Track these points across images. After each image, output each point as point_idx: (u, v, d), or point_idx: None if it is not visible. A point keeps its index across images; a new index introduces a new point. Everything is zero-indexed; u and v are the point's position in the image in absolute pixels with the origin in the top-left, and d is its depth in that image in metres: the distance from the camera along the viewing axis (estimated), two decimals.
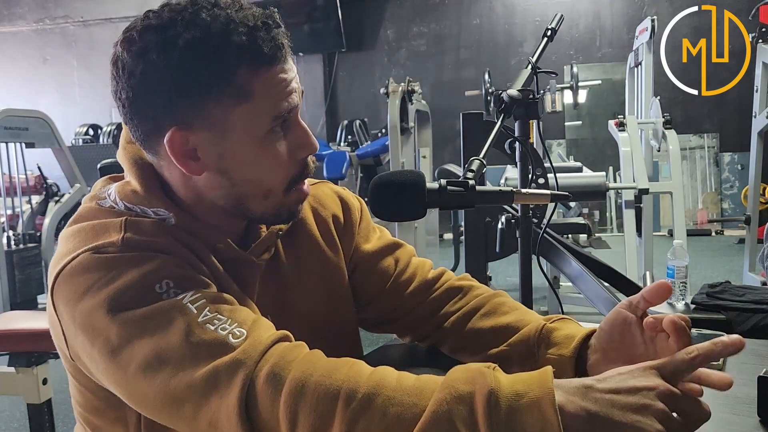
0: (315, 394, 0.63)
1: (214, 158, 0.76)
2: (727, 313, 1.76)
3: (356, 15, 9.15)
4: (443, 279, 1.02)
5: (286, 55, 0.76)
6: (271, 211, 0.82)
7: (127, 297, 0.69)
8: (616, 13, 8.69)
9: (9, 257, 4.69)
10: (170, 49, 0.70)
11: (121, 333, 0.68)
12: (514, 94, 1.31)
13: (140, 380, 0.67)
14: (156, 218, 0.78)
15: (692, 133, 8.44)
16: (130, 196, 0.79)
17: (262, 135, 0.76)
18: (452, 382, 0.61)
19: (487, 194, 0.89)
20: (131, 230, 0.74)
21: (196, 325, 0.68)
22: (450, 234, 6.49)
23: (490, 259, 2.42)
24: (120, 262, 0.71)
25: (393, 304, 0.99)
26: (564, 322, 0.88)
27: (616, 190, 4.92)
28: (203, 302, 0.70)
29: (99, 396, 0.80)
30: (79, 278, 0.71)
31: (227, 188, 0.78)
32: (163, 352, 0.67)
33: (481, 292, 0.99)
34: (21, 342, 2.07)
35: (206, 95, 0.72)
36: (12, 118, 4.88)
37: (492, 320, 0.93)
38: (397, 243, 1.03)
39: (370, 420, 0.61)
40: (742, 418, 0.74)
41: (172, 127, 0.74)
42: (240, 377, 0.64)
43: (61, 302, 0.73)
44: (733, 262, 5.83)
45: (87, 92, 10.57)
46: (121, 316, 0.68)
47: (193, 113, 0.73)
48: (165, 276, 0.71)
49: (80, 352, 0.73)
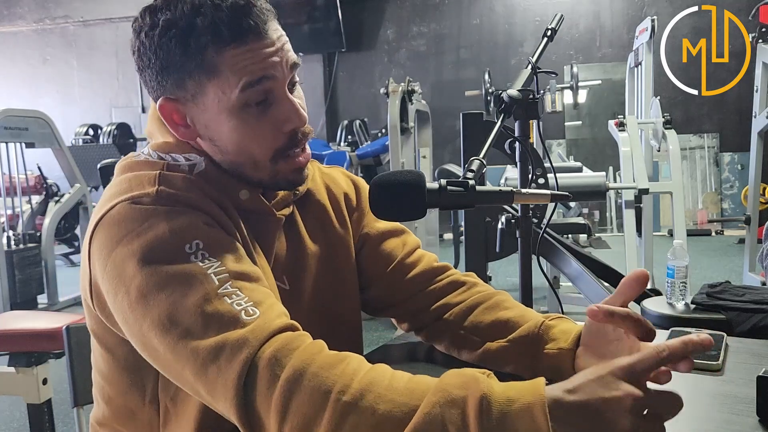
0: (310, 385, 0.64)
1: (201, 127, 0.83)
2: (727, 313, 1.76)
3: (356, 15, 9.16)
4: (448, 272, 1.03)
5: (262, 33, 0.78)
6: (267, 179, 0.86)
7: (156, 251, 0.73)
8: (616, 13, 8.69)
9: (9, 257, 4.69)
10: (153, 30, 0.78)
11: (145, 286, 0.71)
12: (514, 94, 1.31)
13: (152, 335, 0.70)
14: (187, 164, 0.83)
15: (692, 133, 8.44)
16: (163, 146, 0.85)
17: (236, 108, 0.79)
18: (445, 386, 0.62)
19: (487, 194, 0.89)
20: (164, 183, 0.79)
21: (215, 295, 0.70)
22: (450, 234, 6.49)
23: (490, 259, 2.43)
24: (153, 214, 0.75)
25: (394, 286, 1.01)
26: (561, 320, 0.91)
27: (616, 190, 4.92)
28: (226, 276, 0.72)
29: (118, 357, 0.84)
30: (115, 227, 0.75)
31: (220, 155, 0.84)
32: (178, 314, 0.69)
33: (484, 288, 1.01)
34: (21, 342, 2.07)
35: (182, 72, 0.79)
36: (12, 118, 4.88)
37: (493, 314, 0.94)
38: (405, 229, 1.06)
39: (360, 416, 0.62)
40: (741, 418, 0.74)
41: (161, 97, 0.82)
42: (243, 355, 0.66)
43: (96, 249, 0.77)
44: (733, 262, 5.83)
45: (87, 92, 10.57)
46: (147, 270, 0.72)
47: (175, 88, 0.80)
48: (195, 236, 0.74)
49: (107, 299, 0.76)
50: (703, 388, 0.84)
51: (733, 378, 0.87)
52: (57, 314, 3.07)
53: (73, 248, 7.52)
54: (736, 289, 1.89)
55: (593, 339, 0.82)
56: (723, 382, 0.86)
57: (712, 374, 0.88)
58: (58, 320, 2.23)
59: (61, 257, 7.09)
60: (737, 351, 0.97)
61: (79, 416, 1.21)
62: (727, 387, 0.84)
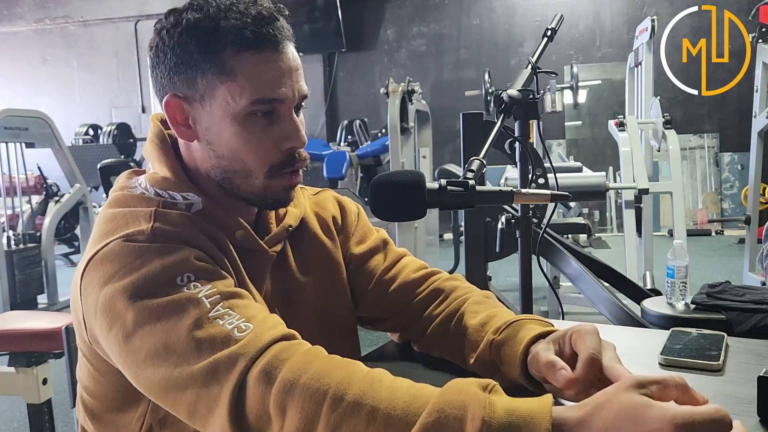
0: (303, 395, 0.63)
1: (201, 129, 0.84)
2: (727, 313, 1.76)
3: (356, 15, 9.15)
4: (431, 280, 1.01)
5: (279, 47, 0.81)
6: (257, 193, 0.86)
7: (148, 286, 0.73)
8: (616, 13, 8.69)
9: (9, 257, 4.69)
10: (175, 28, 0.80)
11: (137, 319, 0.72)
12: (514, 94, 1.31)
13: (148, 366, 0.71)
14: (184, 203, 0.84)
15: (692, 133, 8.44)
16: (161, 182, 0.85)
17: (241, 115, 0.81)
18: (444, 405, 0.59)
19: (487, 194, 0.89)
20: (160, 221, 0.79)
21: (206, 319, 0.71)
22: (450, 234, 6.49)
23: (490, 259, 2.42)
24: (147, 251, 0.76)
25: (378, 303, 1.01)
26: (514, 328, 0.84)
27: (616, 190, 4.92)
28: (217, 297, 0.73)
29: (111, 381, 0.83)
30: (108, 264, 0.76)
31: (213, 160, 0.85)
32: (171, 342, 0.70)
33: (461, 293, 0.98)
34: (21, 342, 2.07)
35: (196, 70, 0.80)
36: (12, 118, 4.88)
37: (461, 326, 0.91)
38: (386, 244, 1.05)
39: (354, 428, 0.60)
40: (742, 418, 0.73)
41: (168, 93, 0.83)
42: (236, 371, 0.66)
43: (89, 285, 0.77)
44: (733, 262, 5.83)
45: (87, 92, 10.57)
46: (139, 304, 0.72)
47: (185, 86, 0.82)
48: (187, 269, 0.75)
49: (98, 334, 0.77)
50: (703, 388, 0.84)
51: (733, 378, 0.87)
52: (57, 314, 3.07)
53: (73, 248, 7.51)
54: (736, 289, 1.89)
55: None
56: (723, 382, 0.86)
57: (712, 374, 0.88)
58: (58, 320, 2.23)
59: (61, 257, 7.09)
60: (737, 351, 0.97)
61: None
62: (728, 387, 0.84)
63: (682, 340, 0.99)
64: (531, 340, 0.80)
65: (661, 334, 1.03)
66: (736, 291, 1.87)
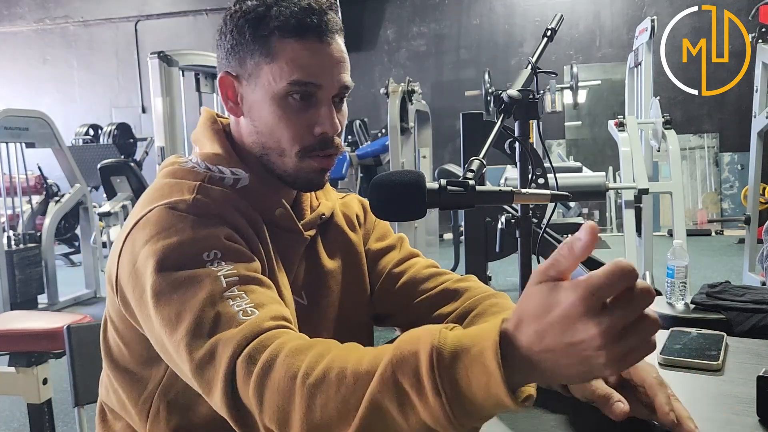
0: (278, 375, 0.65)
1: (247, 106, 0.91)
2: (727, 313, 1.76)
3: (356, 15, 9.16)
4: (441, 279, 1.02)
5: (324, 38, 0.88)
6: (289, 172, 0.91)
7: (175, 255, 0.78)
8: (616, 13, 8.69)
9: (9, 257, 4.70)
10: (236, 13, 0.89)
11: (159, 287, 0.76)
12: (514, 95, 1.31)
13: (163, 333, 0.75)
14: (232, 177, 0.90)
15: (692, 133, 8.45)
16: (211, 158, 0.91)
17: (279, 95, 0.87)
18: (399, 343, 0.62)
19: (487, 194, 0.89)
20: (202, 193, 0.85)
21: (219, 297, 0.74)
22: (450, 234, 6.49)
23: (490, 259, 2.43)
24: (183, 220, 0.81)
25: (386, 298, 1.03)
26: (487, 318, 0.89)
27: (616, 190, 4.93)
28: (235, 279, 0.76)
29: (133, 349, 0.88)
30: (148, 227, 0.81)
31: (254, 136, 0.91)
32: (184, 313, 0.74)
33: (477, 293, 0.98)
34: (21, 342, 2.07)
35: (246, 52, 0.88)
36: (12, 118, 4.89)
37: (481, 322, 0.92)
38: (402, 240, 1.10)
39: (327, 392, 0.62)
40: (741, 418, 0.74)
41: (223, 71, 0.91)
42: (229, 352, 0.69)
43: (128, 247, 0.82)
44: (732, 262, 5.83)
45: (87, 92, 10.57)
46: (164, 273, 0.77)
47: (238, 65, 0.90)
48: (215, 246, 0.79)
49: (129, 296, 0.82)
50: (703, 388, 0.84)
51: (733, 378, 0.87)
52: (57, 314, 3.07)
53: (73, 248, 7.52)
54: (735, 289, 1.89)
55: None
56: (723, 382, 0.86)
57: (712, 374, 0.88)
58: (58, 320, 2.23)
59: (61, 257, 7.10)
60: (737, 351, 0.97)
61: (79, 416, 1.21)
62: (727, 387, 0.84)
63: (681, 339, 1.00)
64: None
65: (661, 334, 1.03)
66: (735, 291, 1.87)
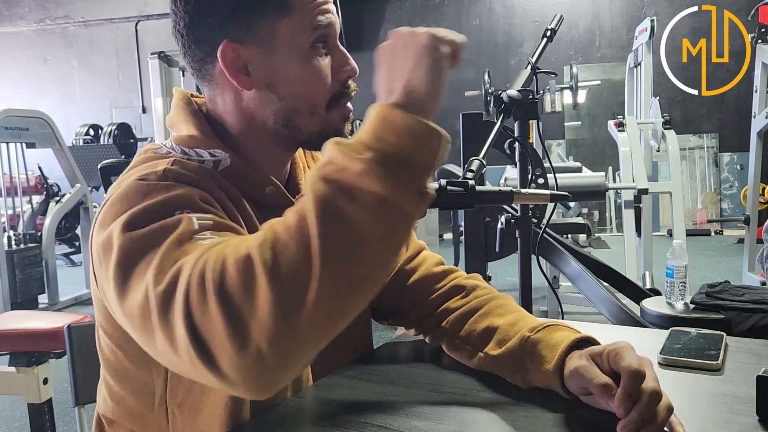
0: (231, 269, 0.58)
1: (262, 73, 0.82)
2: (727, 312, 1.77)
3: (356, 15, 9.16)
4: (451, 276, 1.01)
5: None
6: (318, 129, 0.85)
7: (143, 216, 0.69)
8: (615, 14, 8.69)
9: (9, 257, 4.70)
10: None
11: (126, 247, 0.67)
12: (514, 95, 1.31)
13: (130, 293, 0.66)
14: (212, 159, 0.82)
15: (692, 133, 8.45)
16: (187, 140, 0.84)
17: (306, 49, 0.81)
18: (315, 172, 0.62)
19: (487, 194, 0.89)
20: (177, 165, 0.77)
21: (188, 238, 0.66)
22: (450, 234, 6.49)
23: (489, 259, 2.43)
24: (154, 188, 0.73)
25: (396, 294, 1.00)
26: (550, 331, 0.84)
27: (616, 190, 4.93)
28: (209, 223, 0.69)
29: (129, 354, 0.80)
30: (117, 203, 0.73)
31: (276, 104, 0.83)
32: (152, 260, 0.65)
33: (485, 292, 0.98)
34: (21, 342, 2.07)
35: (252, 11, 0.80)
36: (13, 118, 4.89)
37: (485, 322, 0.92)
38: (410, 235, 1.05)
39: (282, 250, 0.58)
40: (741, 418, 0.74)
41: (223, 41, 0.80)
42: (182, 285, 0.61)
43: (98, 227, 0.73)
44: (732, 262, 5.83)
45: (87, 92, 10.57)
46: (130, 233, 0.68)
47: (242, 30, 0.80)
48: (188, 206, 0.71)
49: (100, 278, 0.72)
50: (703, 387, 0.84)
51: (732, 378, 0.87)
52: (57, 314, 3.07)
53: (73, 248, 7.52)
54: (735, 288, 1.90)
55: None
56: (722, 382, 0.86)
57: (712, 374, 0.88)
58: (58, 320, 2.23)
59: (61, 257, 7.09)
60: (736, 351, 0.97)
61: (80, 416, 1.21)
62: (727, 387, 0.84)
63: (681, 339, 1.00)
64: (570, 344, 0.80)
65: (661, 334, 1.03)
66: (735, 291, 1.87)
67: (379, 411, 0.77)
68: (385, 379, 0.89)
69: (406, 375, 0.90)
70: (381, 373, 0.92)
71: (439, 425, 0.73)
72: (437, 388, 0.85)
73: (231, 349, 0.57)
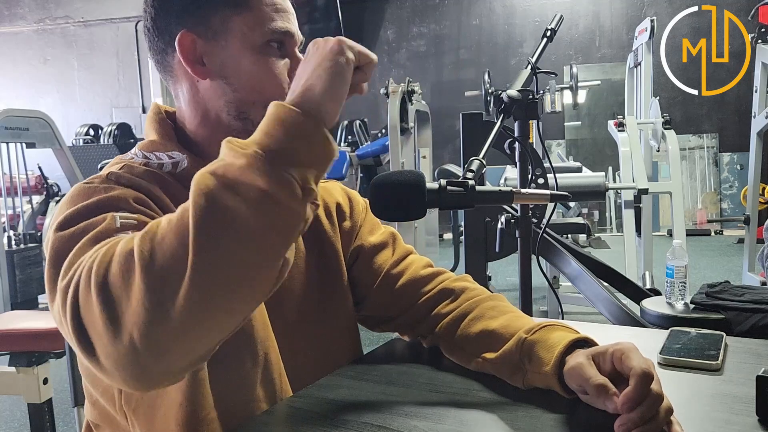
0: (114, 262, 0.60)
1: (217, 65, 0.84)
2: (727, 312, 1.77)
3: (356, 15, 9.16)
4: (439, 279, 1.01)
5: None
6: None
7: (77, 216, 0.71)
8: (615, 14, 8.69)
9: (10, 257, 4.69)
10: None
11: (57, 247, 0.69)
12: (514, 95, 1.31)
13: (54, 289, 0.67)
14: (170, 162, 0.84)
15: (692, 133, 8.45)
16: (148, 145, 0.87)
17: (258, 45, 0.83)
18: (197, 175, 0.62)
19: (487, 194, 0.89)
20: (123, 169, 0.80)
21: (106, 235, 0.67)
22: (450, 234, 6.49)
23: (490, 259, 2.43)
24: (94, 191, 0.75)
25: (384, 300, 1.00)
26: (546, 331, 0.84)
27: (616, 190, 4.93)
28: (133, 223, 0.70)
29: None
30: (64, 205, 0.75)
31: (229, 95, 0.85)
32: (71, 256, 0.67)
33: (474, 294, 0.98)
34: (21, 342, 2.07)
35: (209, 7, 0.83)
36: (13, 118, 4.88)
37: (479, 325, 0.91)
38: (396, 237, 1.05)
39: (159, 242, 0.59)
40: (740, 418, 0.74)
41: (182, 30, 0.83)
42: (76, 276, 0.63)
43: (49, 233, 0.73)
44: (732, 262, 5.83)
45: (87, 92, 10.57)
46: (61, 232, 0.70)
47: (198, 21, 0.83)
48: (118, 206, 0.72)
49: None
50: (703, 388, 0.84)
51: (732, 378, 0.87)
52: None
53: None
54: (735, 288, 1.90)
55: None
56: (722, 382, 0.86)
57: (712, 374, 0.88)
58: None
59: None
60: (736, 351, 0.97)
61: (79, 416, 1.22)
62: (727, 387, 0.84)
63: (681, 339, 1.00)
64: (567, 345, 0.79)
65: (661, 334, 1.03)
66: (735, 291, 1.87)
67: (379, 411, 0.77)
68: (385, 379, 0.89)
69: (406, 375, 0.91)
70: (381, 373, 0.91)
71: (439, 425, 0.73)
72: (437, 389, 0.85)
73: (106, 338, 0.59)
